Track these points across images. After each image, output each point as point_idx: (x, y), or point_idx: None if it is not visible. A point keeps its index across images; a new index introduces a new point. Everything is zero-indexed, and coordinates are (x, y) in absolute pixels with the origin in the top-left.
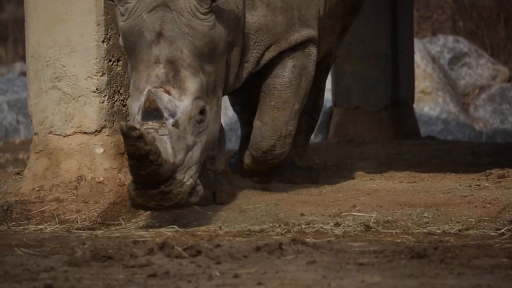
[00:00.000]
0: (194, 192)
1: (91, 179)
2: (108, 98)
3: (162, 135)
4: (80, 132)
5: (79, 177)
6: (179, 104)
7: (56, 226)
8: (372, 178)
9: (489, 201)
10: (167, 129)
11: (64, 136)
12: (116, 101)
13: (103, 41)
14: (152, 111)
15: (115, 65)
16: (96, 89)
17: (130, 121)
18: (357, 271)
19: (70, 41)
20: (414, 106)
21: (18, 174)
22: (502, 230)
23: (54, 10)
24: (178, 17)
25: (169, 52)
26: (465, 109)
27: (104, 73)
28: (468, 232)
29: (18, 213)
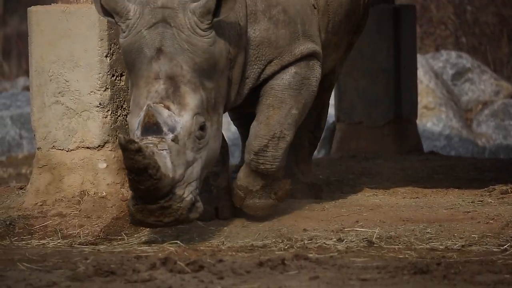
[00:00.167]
0: (194, 208)
1: (94, 194)
2: (111, 113)
3: (162, 150)
4: (83, 147)
5: (82, 192)
6: (179, 120)
7: (58, 241)
8: (375, 193)
9: (492, 217)
10: (167, 144)
11: (67, 151)
12: (119, 116)
13: (106, 56)
14: (151, 126)
15: (118, 80)
16: (99, 104)
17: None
18: (360, 286)
19: (74, 56)
20: (417, 121)
21: (21, 188)
22: (505, 246)
23: (57, 25)
24: (178, 33)
25: (169, 68)
26: (468, 124)
27: (107, 88)
28: (471, 248)
29: (20, 228)
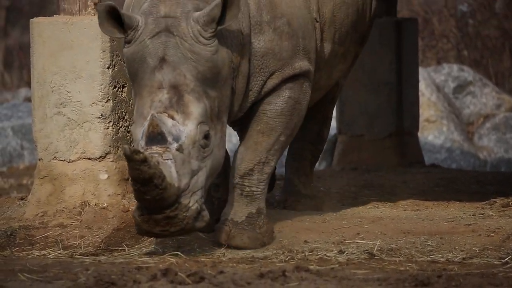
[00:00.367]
0: (199, 217)
1: (95, 205)
2: (112, 124)
3: (166, 159)
4: (84, 158)
5: (83, 203)
6: (183, 129)
7: (59, 251)
8: (376, 205)
9: (493, 230)
10: (171, 154)
11: (69, 162)
12: (120, 127)
13: (108, 67)
14: (155, 135)
15: (120, 91)
16: (101, 115)
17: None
18: None
19: (76, 67)
20: (419, 134)
21: (22, 199)
22: (506, 259)
23: (59, 36)
24: (181, 42)
25: (172, 77)
26: (470, 137)
27: (109, 99)
28: (472, 260)
29: (21, 239)
